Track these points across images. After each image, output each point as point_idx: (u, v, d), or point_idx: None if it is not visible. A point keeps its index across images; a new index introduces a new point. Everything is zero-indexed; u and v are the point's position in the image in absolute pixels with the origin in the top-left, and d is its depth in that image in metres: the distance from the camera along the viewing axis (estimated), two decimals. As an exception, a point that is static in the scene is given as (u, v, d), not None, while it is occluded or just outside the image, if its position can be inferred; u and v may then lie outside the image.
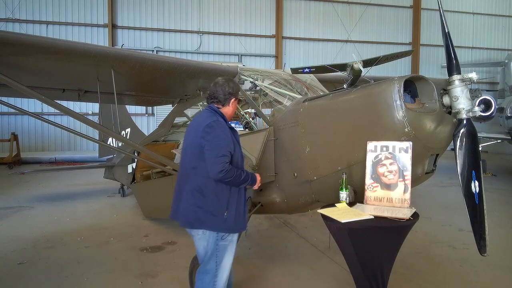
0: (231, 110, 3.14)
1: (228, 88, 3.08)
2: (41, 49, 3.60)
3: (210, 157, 2.80)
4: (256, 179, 3.07)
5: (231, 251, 3.04)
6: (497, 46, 22.38)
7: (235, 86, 3.15)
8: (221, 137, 2.86)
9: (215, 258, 2.96)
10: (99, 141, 5.57)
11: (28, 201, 8.56)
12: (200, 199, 2.88)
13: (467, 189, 3.02)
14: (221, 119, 3.00)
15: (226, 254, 2.99)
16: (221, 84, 3.10)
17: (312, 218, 6.72)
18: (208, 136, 2.85)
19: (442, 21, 3.17)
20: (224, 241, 2.95)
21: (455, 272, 4.67)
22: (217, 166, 2.75)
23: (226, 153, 2.81)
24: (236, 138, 3.05)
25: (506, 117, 12.79)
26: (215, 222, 2.88)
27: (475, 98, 3.09)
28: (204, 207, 2.87)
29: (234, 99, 3.12)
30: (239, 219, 2.97)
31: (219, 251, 2.95)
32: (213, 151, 2.79)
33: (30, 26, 16.73)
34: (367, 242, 2.96)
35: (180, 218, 3.01)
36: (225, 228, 2.92)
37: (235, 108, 3.17)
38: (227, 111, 3.12)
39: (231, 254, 3.03)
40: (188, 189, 2.94)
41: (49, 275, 4.59)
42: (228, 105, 3.11)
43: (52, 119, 5.50)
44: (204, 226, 2.91)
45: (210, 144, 2.82)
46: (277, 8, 19.35)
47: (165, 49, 18.09)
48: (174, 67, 4.41)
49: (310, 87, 5.30)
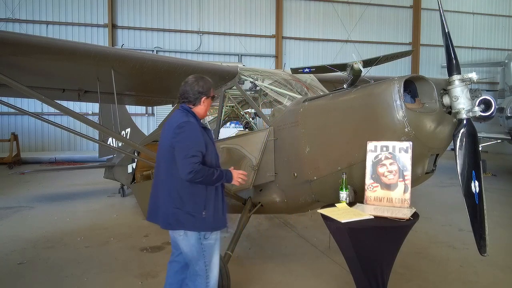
0: (203, 109, 3.05)
1: (197, 87, 2.99)
2: (41, 49, 3.60)
3: (180, 158, 2.78)
4: (231, 175, 2.99)
5: (217, 249, 3.05)
6: (497, 46, 22.38)
7: (205, 85, 3.03)
8: (191, 137, 2.83)
9: (203, 258, 2.94)
10: (99, 141, 5.57)
11: (28, 201, 8.56)
12: (177, 200, 2.87)
13: (467, 189, 3.02)
14: (192, 119, 2.93)
15: (214, 253, 3.00)
16: (191, 83, 3.01)
17: (312, 218, 6.72)
18: (178, 137, 2.83)
19: (442, 21, 3.17)
20: (208, 240, 2.94)
21: (455, 272, 4.67)
22: (186, 167, 2.72)
23: (196, 154, 2.76)
24: (210, 137, 3.03)
25: (506, 117, 12.79)
26: (195, 222, 2.86)
27: (475, 98, 3.09)
28: (182, 208, 2.86)
29: (205, 98, 3.02)
30: (218, 217, 2.96)
31: (205, 250, 2.93)
32: (182, 152, 2.77)
33: (30, 26, 16.73)
34: (367, 242, 2.96)
35: (160, 220, 2.99)
36: (205, 227, 2.90)
37: (207, 107, 3.08)
38: (199, 110, 3.03)
39: (217, 252, 3.05)
40: (165, 191, 2.94)
41: (49, 275, 4.59)
42: (200, 104, 3.02)
43: (52, 119, 5.50)
44: (184, 227, 2.89)
45: (180, 145, 2.81)
46: (277, 8, 19.35)
47: (165, 49, 18.09)
48: (174, 67, 4.41)
49: (310, 87, 5.30)
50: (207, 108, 3.10)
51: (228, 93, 5.44)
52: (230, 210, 5.27)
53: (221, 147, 4.53)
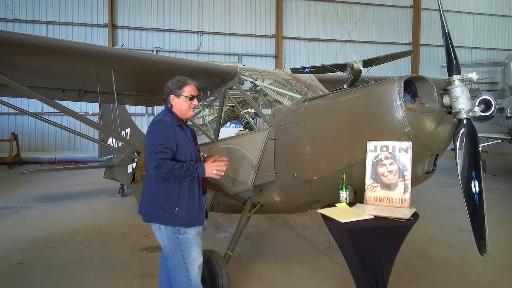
0: (178, 108, 3.03)
1: (168, 84, 3.06)
2: (41, 49, 3.60)
3: (147, 154, 2.86)
4: (203, 168, 2.90)
5: (197, 244, 3.02)
6: (497, 46, 22.40)
7: (176, 83, 3.04)
8: (159, 135, 2.88)
9: (181, 252, 2.95)
10: (99, 141, 5.57)
11: (28, 201, 8.56)
12: (153, 194, 2.96)
13: (467, 189, 3.01)
14: (168, 118, 2.97)
15: (193, 247, 2.98)
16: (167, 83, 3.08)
17: (312, 218, 6.72)
18: (148, 134, 2.95)
19: (442, 21, 3.16)
20: (184, 234, 2.94)
21: (455, 272, 4.67)
22: (151, 163, 2.80)
23: (162, 150, 2.81)
24: (187, 135, 3.04)
25: (506, 117, 12.80)
26: (168, 217, 2.92)
27: (475, 98, 3.08)
28: (156, 202, 2.94)
29: (173, 96, 3.02)
30: (193, 213, 2.96)
31: (182, 244, 2.94)
32: (149, 149, 2.85)
33: (30, 26, 16.74)
34: (367, 242, 2.96)
35: (142, 213, 3.07)
36: (179, 223, 2.92)
37: (182, 105, 3.02)
38: (175, 110, 3.04)
39: (197, 247, 3.03)
40: (145, 185, 3.06)
41: (49, 275, 4.59)
42: (172, 102, 3.04)
43: (52, 119, 5.50)
44: (158, 221, 2.96)
45: (147, 142, 2.91)
46: (277, 8, 19.36)
47: (165, 49, 18.11)
48: (174, 67, 4.40)
49: (310, 87, 5.30)
50: (184, 107, 3.03)
51: (228, 93, 5.44)
52: (230, 210, 5.30)
53: (221, 147, 4.53)
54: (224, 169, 2.99)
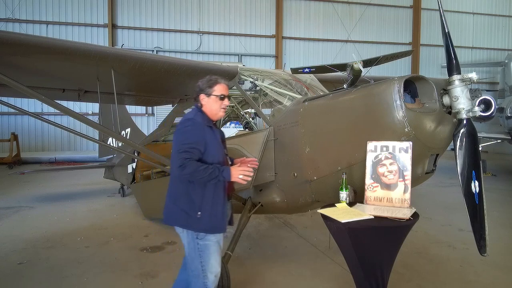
0: (208, 108, 2.96)
1: (200, 82, 2.98)
2: (41, 49, 3.60)
3: (173, 153, 2.81)
4: (229, 172, 2.78)
5: (216, 252, 2.92)
6: (497, 46, 22.39)
7: (206, 82, 2.97)
8: (186, 134, 2.81)
9: (199, 258, 2.87)
10: (99, 141, 5.57)
11: (28, 201, 8.56)
12: (174, 195, 2.90)
13: (467, 189, 3.02)
14: (198, 117, 2.90)
15: (211, 255, 2.89)
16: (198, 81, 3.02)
17: (312, 218, 6.72)
18: (176, 132, 2.87)
19: (442, 21, 3.16)
20: (204, 240, 2.85)
21: (455, 272, 4.67)
22: (176, 162, 2.73)
23: (188, 149, 2.73)
24: (216, 137, 2.96)
25: (506, 117, 12.80)
26: (190, 221, 2.83)
27: (475, 98, 3.08)
28: (177, 204, 2.87)
29: (203, 96, 2.95)
30: (215, 219, 2.85)
31: (202, 251, 2.85)
32: (175, 147, 2.79)
33: (30, 26, 16.74)
34: (367, 242, 2.96)
35: (163, 215, 3.02)
36: (200, 228, 2.83)
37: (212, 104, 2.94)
38: (205, 109, 2.97)
39: (216, 255, 2.93)
40: (169, 187, 2.98)
41: (49, 275, 4.59)
42: (201, 102, 2.97)
43: (52, 119, 5.50)
44: (180, 224, 2.89)
45: (175, 140, 2.84)
46: (277, 8, 19.36)
47: (165, 49, 18.10)
48: (174, 67, 4.40)
49: (310, 87, 5.30)
50: (215, 107, 2.94)
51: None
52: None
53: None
54: (252, 174, 2.85)
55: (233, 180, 2.80)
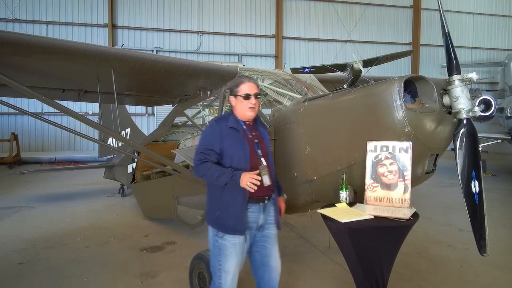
0: (237, 109, 2.99)
1: (229, 83, 3.11)
2: (41, 49, 3.60)
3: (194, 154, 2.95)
4: (238, 178, 2.75)
5: (234, 254, 2.92)
6: (497, 46, 22.40)
7: (233, 82, 3.07)
8: (204, 136, 2.98)
9: (218, 256, 2.94)
10: (99, 141, 5.57)
11: (28, 201, 8.56)
12: (207, 194, 3.06)
13: (467, 189, 3.01)
14: (221, 120, 2.99)
15: (229, 256, 2.91)
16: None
17: (312, 218, 6.71)
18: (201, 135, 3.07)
19: (442, 21, 3.16)
20: (223, 240, 2.91)
21: (455, 272, 4.67)
22: (194, 162, 2.88)
23: (203, 151, 2.86)
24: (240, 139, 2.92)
25: (506, 117, 12.80)
26: (211, 218, 2.98)
27: (475, 98, 3.08)
28: (207, 202, 3.05)
29: (232, 97, 3.01)
30: (231, 221, 2.87)
31: (221, 249, 2.92)
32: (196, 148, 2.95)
33: (30, 26, 16.74)
34: (367, 242, 2.96)
35: None
36: (217, 226, 2.94)
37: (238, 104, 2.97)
38: (235, 110, 3.01)
39: (234, 257, 2.93)
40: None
41: (49, 275, 4.59)
42: (231, 103, 3.04)
43: (52, 119, 5.50)
44: (206, 219, 3.06)
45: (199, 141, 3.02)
46: (277, 8, 19.36)
47: (165, 49, 18.11)
48: (174, 67, 4.40)
49: (310, 87, 5.30)
50: (240, 108, 2.96)
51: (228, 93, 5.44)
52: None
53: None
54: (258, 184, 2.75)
55: (242, 186, 2.76)
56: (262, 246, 3.16)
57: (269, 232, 3.17)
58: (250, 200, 2.92)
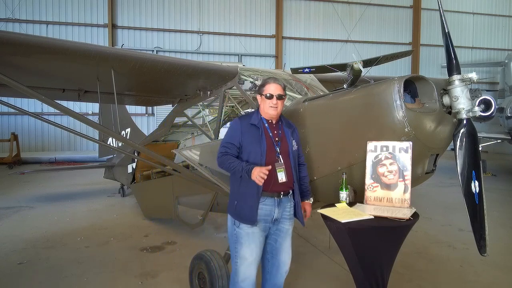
0: (261, 107, 3.25)
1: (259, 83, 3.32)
2: (41, 49, 3.60)
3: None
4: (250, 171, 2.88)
5: (250, 242, 3.06)
6: (497, 46, 22.41)
7: (261, 82, 3.35)
8: (228, 131, 3.22)
9: (235, 244, 3.11)
10: (99, 141, 5.56)
11: (28, 201, 8.56)
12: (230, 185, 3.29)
13: (467, 189, 3.01)
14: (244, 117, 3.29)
15: (244, 244, 3.06)
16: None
17: (312, 218, 6.69)
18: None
19: (442, 21, 3.16)
20: (240, 228, 3.06)
21: (455, 272, 4.67)
22: (217, 154, 3.14)
23: (225, 144, 3.12)
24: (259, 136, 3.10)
25: (506, 117, 12.80)
26: (230, 207, 3.17)
27: (475, 98, 3.07)
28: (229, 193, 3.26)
29: (258, 95, 3.27)
30: (245, 210, 3.05)
31: (238, 237, 3.08)
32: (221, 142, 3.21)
33: (30, 26, 16.74)
34: (367, 242, 2.96)
35: None
36: (235, 215, 3.10)
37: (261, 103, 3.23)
38: (260, 108, 3.27)
39: (249, 244, 3.06)
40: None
41: (49, 275, 4.59)
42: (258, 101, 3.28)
43: (52, 119, 5.50)
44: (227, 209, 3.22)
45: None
46: (277, 8, 19.37)
47: (165, 49, 18.11)
48: (174, 67, 4.40)
49: (310, 87, 5.30)
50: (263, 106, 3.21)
51: (228, 93, 5.44)
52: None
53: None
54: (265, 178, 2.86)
55: (252, 179, 2.90)
56: (274, 239, 3.25)
57: (282, 226, 3.22)
58: (264, 194, 3.06)
